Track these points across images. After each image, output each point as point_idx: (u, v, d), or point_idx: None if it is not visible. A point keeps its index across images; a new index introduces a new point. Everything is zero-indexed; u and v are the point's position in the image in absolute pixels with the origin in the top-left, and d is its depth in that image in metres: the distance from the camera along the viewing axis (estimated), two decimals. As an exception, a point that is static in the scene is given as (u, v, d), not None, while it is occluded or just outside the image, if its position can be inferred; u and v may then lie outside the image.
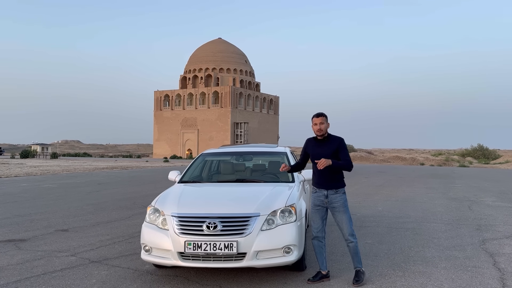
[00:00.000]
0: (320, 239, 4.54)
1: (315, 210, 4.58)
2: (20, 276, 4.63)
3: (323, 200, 4.53)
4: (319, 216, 4.56)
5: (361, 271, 4.43)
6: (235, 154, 6.55)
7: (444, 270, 4.88)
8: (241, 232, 4.12)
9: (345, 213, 4.47)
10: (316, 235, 4.56)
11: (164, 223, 4.34)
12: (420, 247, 5.98)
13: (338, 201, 4.48)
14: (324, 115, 4.52)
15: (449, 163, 46.69)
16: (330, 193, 4.50)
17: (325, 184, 4.51)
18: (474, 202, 11.25)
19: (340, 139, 4.57)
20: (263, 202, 4.44)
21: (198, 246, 4.07)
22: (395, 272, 4.79)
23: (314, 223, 4.59)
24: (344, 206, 4.49)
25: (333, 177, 4.49)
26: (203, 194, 5.09)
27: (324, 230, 4.59)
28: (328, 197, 4.50)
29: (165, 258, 4.26)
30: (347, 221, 4.47)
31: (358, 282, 4.33)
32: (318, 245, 4.55)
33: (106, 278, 4.55)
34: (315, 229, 4.57)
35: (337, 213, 4.49)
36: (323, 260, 4.54)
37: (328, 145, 4.52)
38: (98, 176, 22.32)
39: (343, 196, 4.52)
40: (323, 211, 4.56)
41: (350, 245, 4.47)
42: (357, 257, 4.47)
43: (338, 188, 4.51)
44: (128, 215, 8.82)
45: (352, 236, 4.46)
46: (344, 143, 4.56)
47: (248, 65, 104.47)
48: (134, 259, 5.33)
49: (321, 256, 4.54)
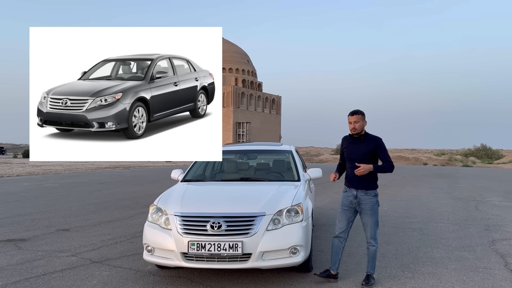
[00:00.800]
0: (341, 240, 4.44)
1: (342, 210, 4.45)
2: (19, 276, 4.52)
3: (351, 200, 4.38)
4: (345, 217, 4.43)
5: (372, 277, 4.32)
6: (239, 153, 6.43)
7: (455, 271, 4.75)
8: (246, 232, 3.99)
9: (371, 217, 4.31)
10: (338, 235, 4.45)
11: (167, 223, 4.22)
12: (429, 248, 5.84)
13: (367, 203, 4.32)
14: (360, 112, 4.32)
15: (452, 163, 46.44)
16: (360, 193, 4.34)
17: (356, 184, 4.35)
18: (480, 202, 11.10)
19: (377, 139, 4.37)
20: (269, 201, 4.31)
21: (202, 247, 3.95)
22: (404, 273, 4.66)
23: (339, 223, 4.46)
24: (372, 209, 4.32)
25: (365, 178, 4.31)
26: (207, 193, 4.97)
27: (347, 232, 4.45)
28: (357, 197, 4.35)
29: (168, 258, 4.14)
30: (372, 225, 4.32)
31: (368, 284, 4.22)
32: (337, 244, 4.44)
33: (107, 279, 4.44)
34: (339, 228, 4.45)
35: (364, 215, 4.35)
36: (336, 260, 4.42)
37: (365, 143, 4.33)
38: (100, 175, 22.24)
39: (373, 199, 4.33)
40: (350, 212, 4.42)
41: (370, 249, 4.35)
42: (373, 262, 4.35)
43: (368, 190, 4.33)
44: (130, 215, 8.71)
45: (374, 240, 4.33)
46: (382, 142, 4.36)
47: (250, 65, 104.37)
48: (136, 259, 5.21)
49: (336, 256, 4.43)
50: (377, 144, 4.35)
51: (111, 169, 28.61)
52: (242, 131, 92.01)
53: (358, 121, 4.28)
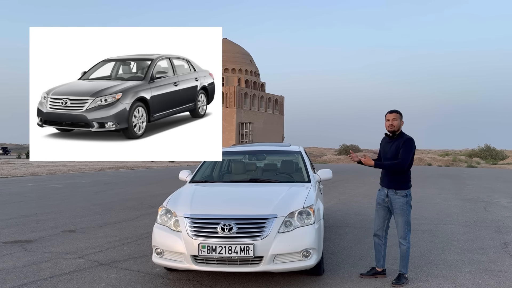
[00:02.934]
0: (380, 238, 4.60)
1: (377, 209, 4.63)
2: (26, 279, 4.45)
3: (383, 199, 4.53)
4: (380, 215, 4.60)
5: (403, 276, 4.36)
6: (248, 153, 6.34)
7: (469, 274, 4.65)
8: (258, 235, 3.91)
9: (401, 216, 4.40)
10: (375, 233, 4.63)
11: (177, 225, 4.14)
12: (440, 250, 5.74)
13: (397, 202, 4.42)
14: (398, 112, 4.46)
15: (457, 163, 46.20)
16: (390, 193, 4.46)
17: (387, 183, 4.50)
18: (489, 203, 10.97)
19: (406, 138, 4.42)
20: (280, 203, 4.22)
21: (212, 249, 3.86)
22: (418, 276, 4.56)
23: (375, 221, 4.64)
24: (402, 209, 4.40)
25: (394, 177, 4.43)
26: (217, 194, 4.88)
27: (385, 229, 4.60)
28: (388, 196, 4.48)
29: (178, 261, 4.05)
30: (402, 224, 4.41)
31: (398, 283, 4.27)
32: (377, 242, 4.61)
33: (115, 282, 4.36)
34: (375, 226, 4.64)
35: (395, 214, 4.48)
36: (380, 257, 4.58)
37: (397, 142, 4.44)
38: (104, 175, 22.21)
39: (403, 199, 4.40)
40: (384, 210, 4.57)
41: (401, 248, 4.44)
42: (404, 261, 4.41)
43: (398, 190, 4.41)
44: (135, 216, 8.64)
45: (404, 240, 4.40)
46: (408, 142, 4.39)
47: (253, 65, 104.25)
48: (144, 261, 5.14)
49: (378, 253, 4.59)
50: (403, 142, 4.40)
51: (115, 170, 28.58)
52: (245, 132, 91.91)
53: (396, 119, 4.41)
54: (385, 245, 4.61)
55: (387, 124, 4.45)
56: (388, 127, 4.45)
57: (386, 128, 4.49)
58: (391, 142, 4.48)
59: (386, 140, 4.58)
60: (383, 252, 4.57)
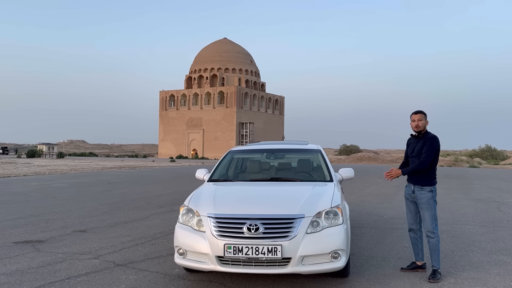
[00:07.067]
0: (415, 231, 4.70)
1: (407, 204, 4.77)
2: (43, 280, 4.30)
3: (410, 194, 4.65)
4: (410, 210, 4.73)
5: (438, 271, 4.37)
6: (266, 151, 6.19)
7: (498, 276, 4.52)
8: (286, 235, 3.76)
9: (427, 210, 4.51)
10: (410, 228, 4.76)
11: (200, 225, 3.98)
12: (463, 251, 5.61)
13: (422, 198, 4.54)
14: (423, 112, 4.58)
15: (459, 163, 46.15)
16: (416, 189, 4.58)
17: (413, 179, 4.62)
18: (501, 203, 10.84)
19: (430, 137, 4.53)
20: (307, 203, 4.07)
21: (239, 250, 3.71)
22: (447, 278, 4.42)
23: (408, 215, 4.79)
24: (428, 204, 4.51)
25: (420, 174, 4.55)
26: (239, 193, 4.72)
27: (418, 222, 4.70)
28: (415, 192, 4.60)
29: (202, 262, 3.90)
30: (429, 218, 4.50)
31: (434, 278, 4.30)
32: (413, 236, 4.73)
33: (135, 284, 4.22)
34: (408, 220, 4.78)
35: (421, 209, 4.58)
36: (418, 251, 4.68)
37: (421, 142, 4.54)
38: (107, 175, 22.05)
39: (428, 194, 4.52)
40: (413, 205, 4.68)
41: (430, 241, 4.50)
42: (435, 254, 4.46)
43: (423, 185, 4.54)
44: (145, 215, 8.49)
45: (432, 233, 4.48)
46: (432, 140, 4.50)
47: (253, 65, 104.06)
48: (161, 262, 4.99)
49: (416, 247, 4.70)
50: (427, 140, 4.52)
51: (117, 169, 28.43)
52: (245, 132, 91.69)
53: (421, 119, 4.53)
54: (421, 238, 4.69)
55: (413, 125, 4.57)
56: (414, 127, 4.57)
57: (412, 129, 4.61)
58: (417, 141, 4.61)
59: (411, 141, 4.72)
60: (420, 245, 4.67)
